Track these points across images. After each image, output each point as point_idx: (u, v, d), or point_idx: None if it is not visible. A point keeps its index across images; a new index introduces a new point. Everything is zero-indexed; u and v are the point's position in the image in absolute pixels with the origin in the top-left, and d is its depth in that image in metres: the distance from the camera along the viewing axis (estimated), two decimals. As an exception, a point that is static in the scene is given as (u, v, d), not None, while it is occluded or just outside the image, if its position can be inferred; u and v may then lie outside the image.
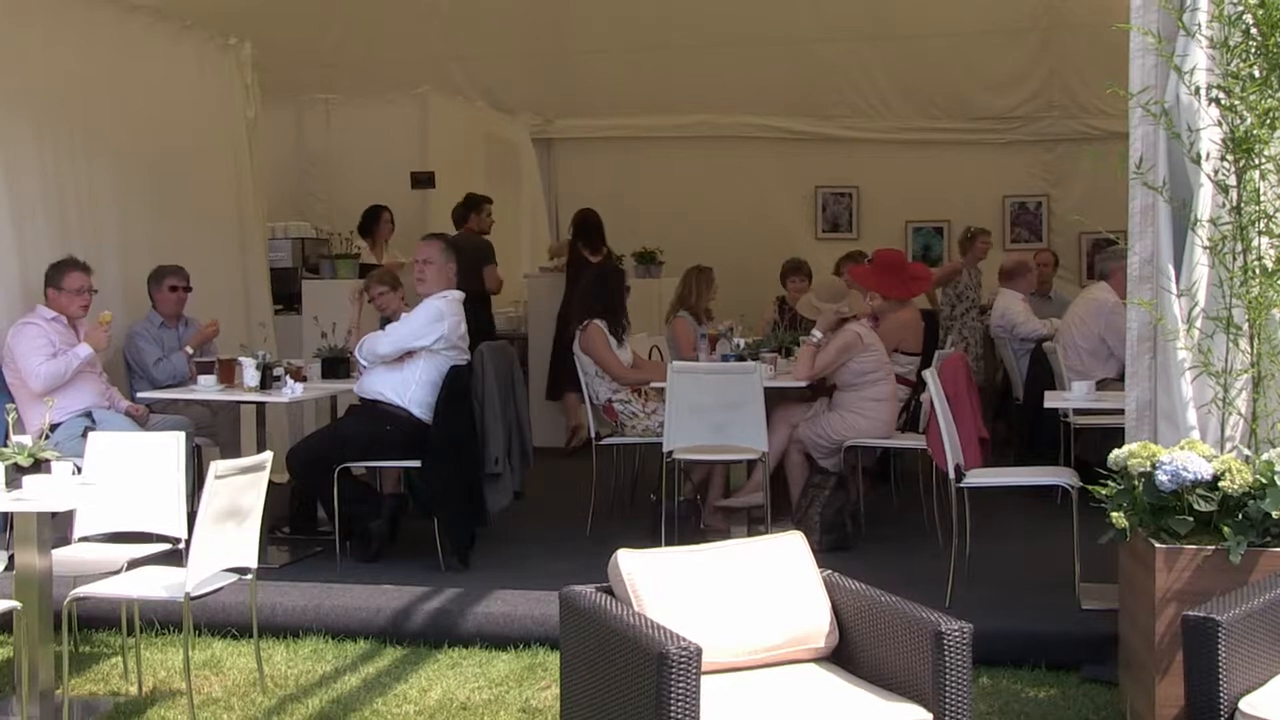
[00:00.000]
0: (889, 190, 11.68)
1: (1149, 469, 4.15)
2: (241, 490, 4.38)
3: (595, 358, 7.01)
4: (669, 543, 6.07)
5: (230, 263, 8.09)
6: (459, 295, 6.37)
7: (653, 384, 6.93)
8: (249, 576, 4.55)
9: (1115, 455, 4.29)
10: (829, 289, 6.87)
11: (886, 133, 11.48)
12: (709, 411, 6.27)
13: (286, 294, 8.82)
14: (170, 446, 4.76)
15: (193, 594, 4.26)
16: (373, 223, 9.45)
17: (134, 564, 4.67)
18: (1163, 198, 4.49)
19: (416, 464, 6.15)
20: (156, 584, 4.40)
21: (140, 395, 6.58)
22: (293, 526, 6.72)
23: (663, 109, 11.54)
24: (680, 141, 11.85)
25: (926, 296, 9.44)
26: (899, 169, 11.48)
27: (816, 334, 6.64)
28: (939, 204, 11.51)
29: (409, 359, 6.20)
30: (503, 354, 6.57)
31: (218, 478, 4.24)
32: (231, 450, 6.44)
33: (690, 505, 6.72)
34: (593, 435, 7.00)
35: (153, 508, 4.66)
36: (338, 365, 6.81)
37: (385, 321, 6.90)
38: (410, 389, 6.18)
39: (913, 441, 6.75)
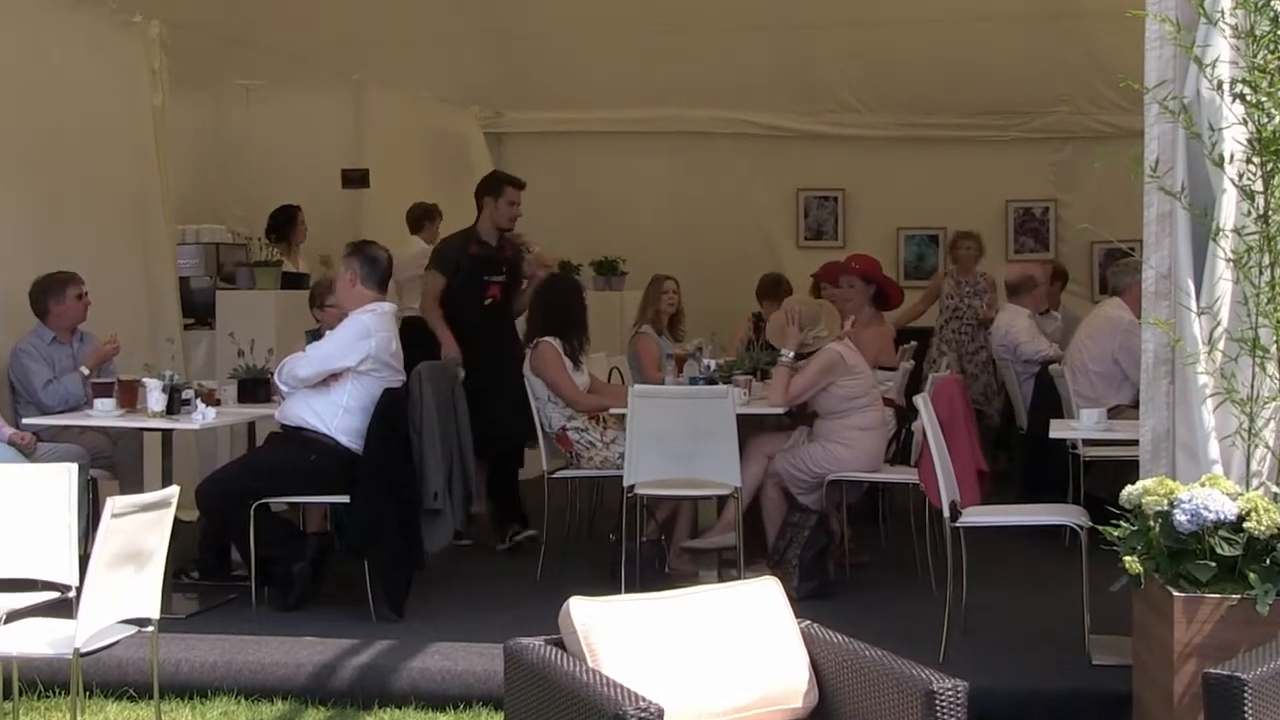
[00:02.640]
0: (878, 193, 11.73)
1: (1166, 508, 4.16)
2: (143, 530, 4.32)
3: (547, 380, 6.99)
4: (629, 589, 6.03)
5: (133, 271, 8.02)
6: (389, 308, 6.35)
7: (612, 410, 6.91)
8: (150, 629, 4.48)
9: (1128, 492, 4.30)
10: (805, 313, 6.82)
11: (876, 129, 11.53)
12: (675, 441, 6.25)
13: (198, 306, 8.76)
14: (60, 480, 4.68)
15: (84, 649, 4.19)
16: (287, 225, 9.36)
17: (14, 615, 4.58)
18: (1181, 204, 4.51)
19: (345, 499, 6.11)
20: (41, 638, 4.32)
21: (26, 422, 6.50)
22: (202, 571, 6.66)
23: (626, 101, 11.55)
24: (646, 138, 11.87)
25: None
26: (890, 170, 11.53)
27: (788, 353, 6.63)
28: (934, 209, 11.57)
29: (334, 381, 6.16)
30: (443, 374, 6.55)
31: (115, 516, 4.17)
32: (132, 484, 6.38)
33: (653, 547, 6.70)
34: (544, 468, 6.97)
35: (39, 550, 4.58)
36: (256, 388, 6.76)
37: (311, 338, 6.87)
38: (337, 415, 6.15)
39: (903, 475, 6.75)
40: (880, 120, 11.53)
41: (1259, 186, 4.39)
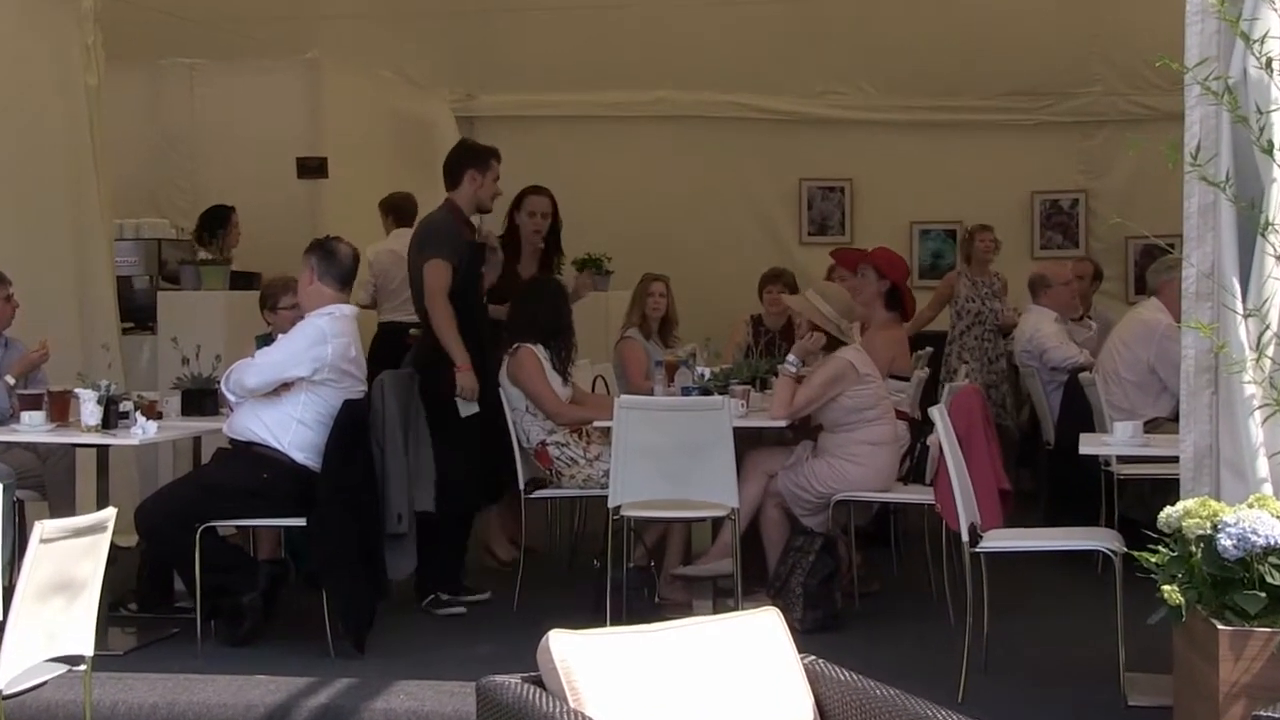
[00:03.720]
0: (890, 184, 11.75)
1: (1209, 532, 4.15)
2: (75, 557, 4.29)
3: (526, 389, 6.98)
4: (615, 620, 6.05)
5: (63, 269, 7.99)
6: (349, 311, 6.33)
7: (596, 423, 6.90)
8: (82, 667, 4.46)
9: (1167, 514, 4.29)
10: (843, 299, 6.83)
11: (887, 113, 11.55)
12: (665, 457, 6.25)
13: (138, 309, 8.73)
14: (-17, 501, 4.67)
15: (6, 691, 4.15)
16: (218, 227, 9.35)
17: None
18: (1225, 195, 4.52)
19: (300, 522, 6.10)
20: (-41, 678, 4.28)
21: (-56, 437, 6.46)
22: (141, 602, 6.64)
23: (611, 83, 11.56)
24: (633, 123, 11.87)
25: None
26: (902, 158, 11.54)
27: (794, 360, 6.62)
28: (951, 201, 11.58)
29: (287, 392, 6.15)
30: (409, 385, 6.52)
31: (44, 541, 4.15)
32: (63, 506, 6.34)
33: (642, 574, 6.69)
34: (521, 487, 6.97)
35: (-42, 579, 4.56)
36: (202, 399, 6.74)
37: (263, 343, 6.85)
38: (291, 429, 6.13)
39: (917, 495, 6.75)
40: (891, 103, 11.55)
41: (1312, 176, 4.39)
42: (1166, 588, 4.20)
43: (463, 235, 6.92)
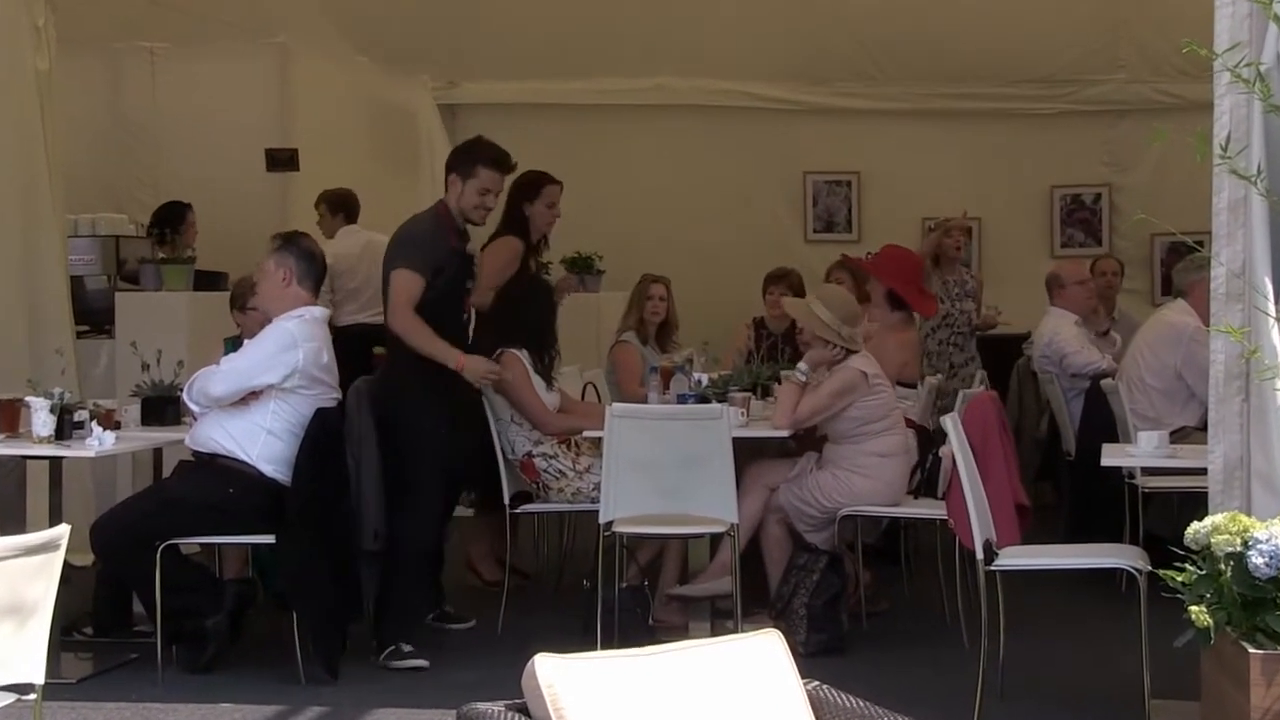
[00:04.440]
0: (899, 178, 11.76)
1: (1239, 549, 4.15)
2: (25, 578, 4.28)
3: (511, 397, 6.98)
4: (606, 644, 6.04)
5: (12, 268, 7.97)
6: (319, 313, 6.34)
7: (586, 433, 6.90)
8: (32, 696, 4.43)
9: (1195, 530, 4.30)
10: (848, 305, 6.84)
11: (897, 101, 11.56)
12: (660, 470, 6.26)
13: (94, 311, 8.72)
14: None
15: (-47, 719, 4.15)
16: (175, 224, 9.35)
17: None
18: (1257, 190, 4.52)
19: (269, 539, 6.09)
20: (-98, 708, 4.28)
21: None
22: (97, 626, 6.63)
23: (604, 69, 11.56)
24: (627, 113, 11.87)
25: None
26: (912, 150, 11.56)
27: (803, 369, 6.63)
28: (966, 196, 11.52)
29: (255, 400, 6.14)
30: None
31: (-8, 560, 4.14)
32: (13, 523, 6.27)
33: (635, 594, 6.68)
34: (506, 501, 6.97)
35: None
36: (163, 407, 6.73)
37: (231, 346, 6.84)
38: (259, 440, 6.13)
39: (929, 510, 6.76)
40: (902, 91, 11.56)
41: (1349, 170, 4.40)
42: (1194, 608, 4.20)
43: (444, 243, 6.44)
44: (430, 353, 6.30)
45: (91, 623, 6.63)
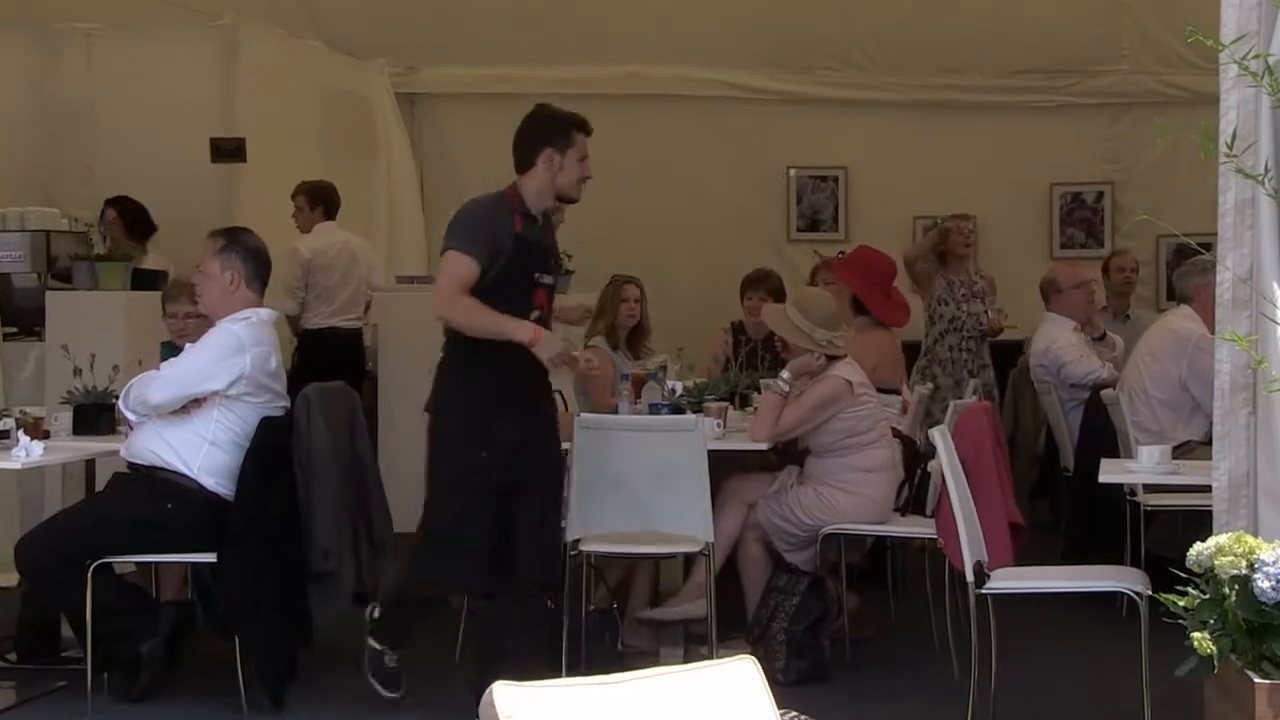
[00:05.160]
0: (889, 173, 11.78)
1: (1244, 571, 4.17)
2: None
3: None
4: (572, 670, 6.03)
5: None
6: (267, 315, 6.32)
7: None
8: (-46, 724, 4.44)
9: (1197, 551, 4.31)
10: (822, 307, 6.86)
11: (886, 92, 11.58)
12: (630, 485, 6.27)
13: (22, 311, 8.69)
14: None
15: None
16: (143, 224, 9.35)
17: None
18: (1265, 190, 4.54)
19: (210, 558, 6.08)
20: None
21: None
22: (22, 651, 6.61)
23: (573, 56, 11.54)
24: (599, 102, 11.72)
25: None
26: (903, 144, 11.58)
27: (786, 378, 6.64)
28: (959, 194, 11.57)
29: (197, 409, 6.13)
30: (339, 401, 6.53)
31: (-89, 579, 4.14)
32: (-66, 540, 6.31)
33: (603, 617, 6.71)
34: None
35: None
36: (97, 416, 6.71)
37: (169, 351, 6.83)
38: (201, 451, 6.12)
39: (917, 528, 6.77)
40: (892, 81, 11.58)
41: (1363, 169, 4.43)
42: (1196, 635, 4.21)
43: (507, 226, 5.91)
44: (494, 331, 5.75)
45: (15, 648, 6.61)
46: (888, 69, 11.53)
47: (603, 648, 6.52)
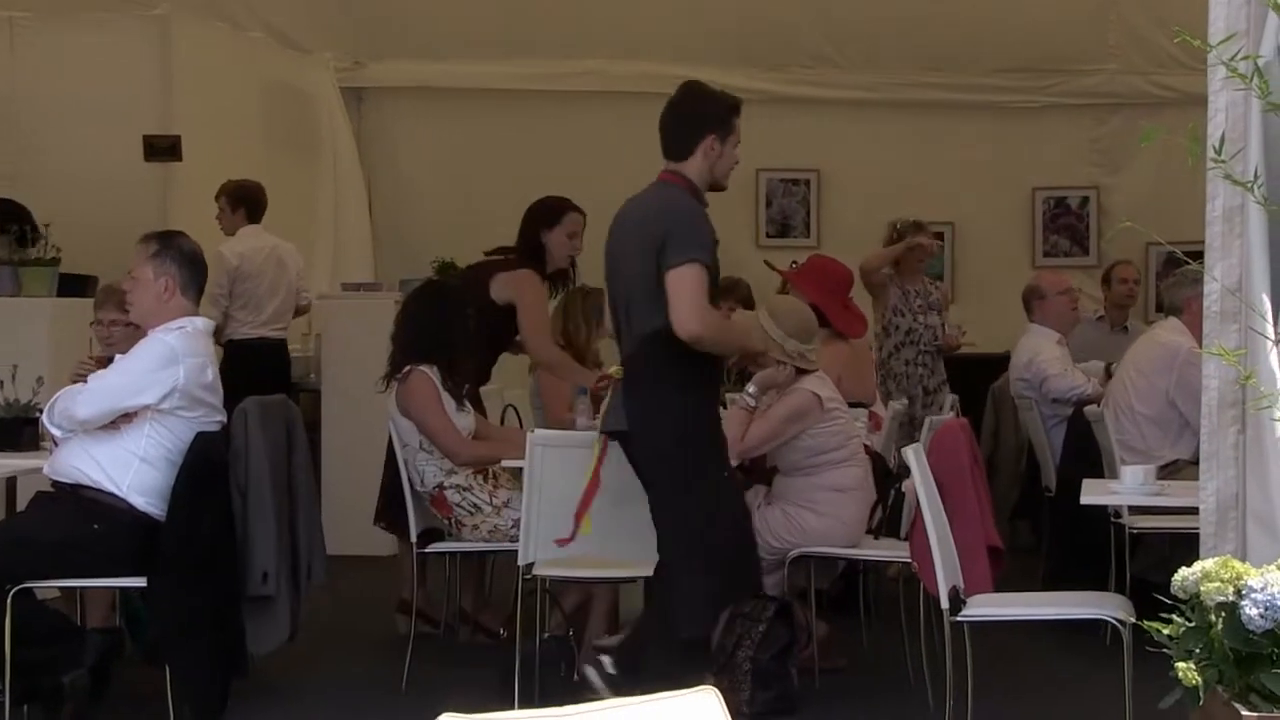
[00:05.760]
0: (863, 176, 11.82)
1: (1231, 598, 4.19)
2: None
3: (418, 421, 6.98)
4: (525, 702, 6.05)
5: None
6: (202, 325, 6.31)
7: (505, 462, 6.91)
8: None
9: (1183, 577, 4.33)
10: (796, 317, 6.88)
11: (861, 91, 11.62)
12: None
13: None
14: None
15: None
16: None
17: None
18: (1254, 197, 4.56)
19: (140, 582, 6.06)
20: None
21: None
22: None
23: (530, 51, 11.57)
24: (556, 100, 11.88)
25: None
26: (879, 146, 11.64)
27: (752, 391, 6.65)
28: (938, 198, 11.66)
29: (127, 424, 6.11)
30: (277, 415, 6.53)
31: None
32: None
33: (559, 645, 6.70)
34: (414, 539, 6.97)
35: None
36: (19, 431, 6.71)
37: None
38: (131, 469, 6.09)
39: (891, 552, 6.79)
40: (867, 80, 11.63)
41: (1357, 175, 4.46)
42: (1181, 665, 4.22)
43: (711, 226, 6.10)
44: (736, 343, 6.45)
45: (-71, 678, 6.59)
46: (863, 67, 11.57)
47: (557, 677, 6.52)
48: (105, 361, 6.59)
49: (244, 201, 9.85)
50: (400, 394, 7.05)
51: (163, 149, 10.10)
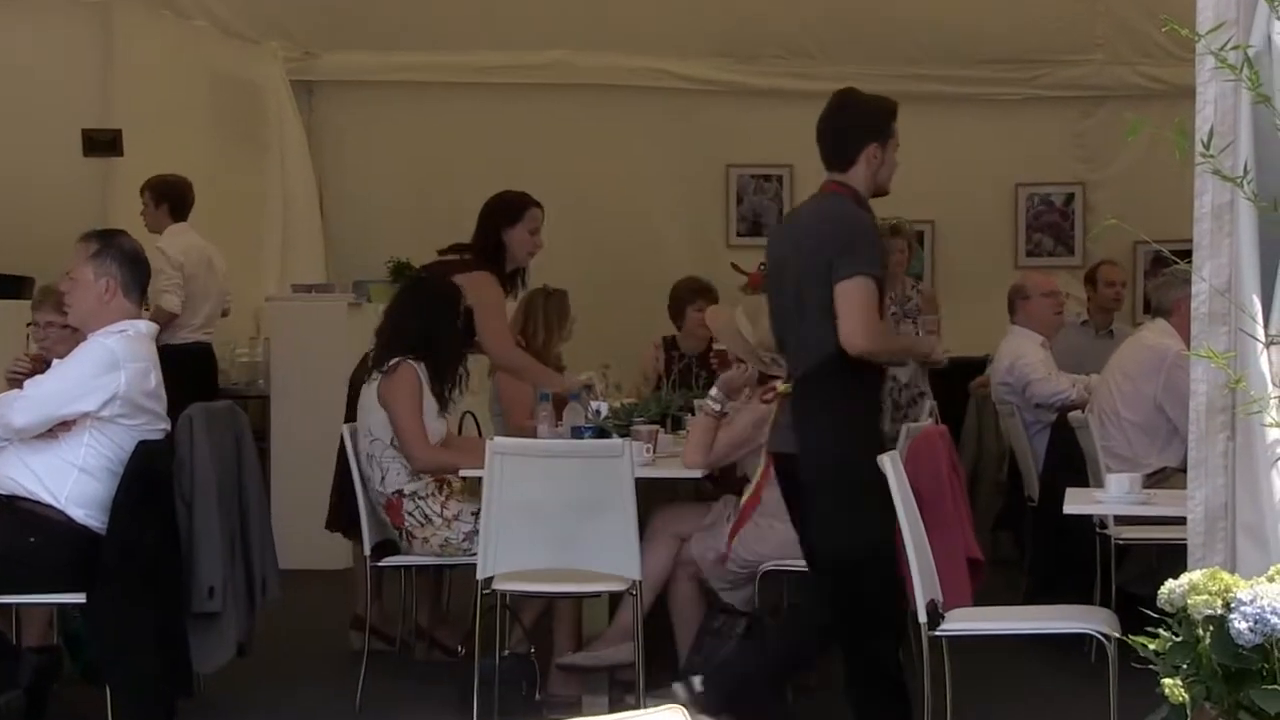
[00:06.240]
0: (840, 173, 11.81)
1: (1220, 611, 4.20)
2: None
3: (393, 413, 6.98)
4: (484, 723, 6.03)
5: None
6: (145, 329, 6.30)
7: (463, 471, 6.91)
8: None
9: (1169, 589, 4.34)
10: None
11: (836, 83, 11.43)
12: (550, 516, 6.26)
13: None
14: None
15: None
16: None
17: None
18: (1244, 193, 4.57)
19: (79, 598, 6.04)
20: None
21: None
22: None
23: (491, 41, 11.57)
24: (518, 92, 11.87)
25: None
26: (855, 140, 11.63)
27: (716, 395, 6.66)
28: (916, 195, 11.45)
29: (66, 432, 6.09)
30: (224, 422, 6.53)
31: None
32: None
33: (520, 663, 6.70)
34: (367, 552, 6.96)
35: None
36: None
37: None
38: (70, 479, 6.07)
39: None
40: (843, 72, 11.51)
41: (1350, 170, 4.48)
42: (1168, 681, 4.24)
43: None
44: (904, 352, 7.24)
45: None
46: (838, 58, 11.53)
47: (519, 697, 6.52)
48: (41, 361, 6.57)
49: (167, 197, 9.77)
50: (384, 384, 7.01)
51: (103, 143, 10.07)
